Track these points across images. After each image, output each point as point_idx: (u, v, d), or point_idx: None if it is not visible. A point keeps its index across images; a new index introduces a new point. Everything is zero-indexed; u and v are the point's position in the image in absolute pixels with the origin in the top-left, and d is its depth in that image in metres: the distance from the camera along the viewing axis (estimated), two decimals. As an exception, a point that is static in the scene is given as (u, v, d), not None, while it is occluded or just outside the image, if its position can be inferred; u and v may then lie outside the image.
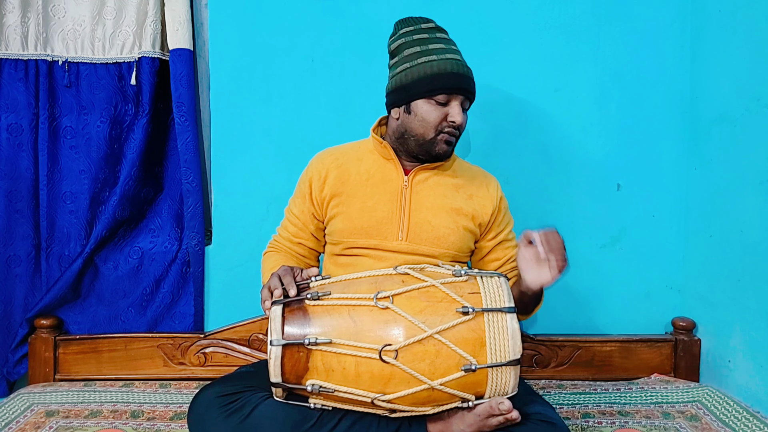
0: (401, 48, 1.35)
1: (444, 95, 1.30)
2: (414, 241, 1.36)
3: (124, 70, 1.75)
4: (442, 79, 1.29)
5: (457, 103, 1.32)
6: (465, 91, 1.32)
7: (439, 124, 1.32)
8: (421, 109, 1.32)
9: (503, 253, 1.46)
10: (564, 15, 1.78)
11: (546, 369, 1.75)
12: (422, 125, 1.32)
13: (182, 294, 1.83)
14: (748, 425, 1.40)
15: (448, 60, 1.30)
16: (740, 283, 1.58)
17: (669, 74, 1.79)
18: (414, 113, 1.33)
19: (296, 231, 1.48)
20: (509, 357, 1.10)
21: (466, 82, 1.31)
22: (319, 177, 1.43)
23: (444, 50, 1.32)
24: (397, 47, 1.36)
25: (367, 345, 1.09)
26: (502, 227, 1.46)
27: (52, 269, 1.77)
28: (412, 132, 1.34)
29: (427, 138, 1.33)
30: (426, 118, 1.32)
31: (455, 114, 1.31)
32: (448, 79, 1.29)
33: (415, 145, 1.35)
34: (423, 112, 1.32)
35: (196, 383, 1.69)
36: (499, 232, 1.45)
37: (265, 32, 1.78)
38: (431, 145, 1.34)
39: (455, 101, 1.32)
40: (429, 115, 1.31)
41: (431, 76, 1.29)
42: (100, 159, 1.75)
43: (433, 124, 1.32)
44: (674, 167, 1.81)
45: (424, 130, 1.33)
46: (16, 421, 1.47)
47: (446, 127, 1.32)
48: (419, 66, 1.31)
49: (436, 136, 1.33)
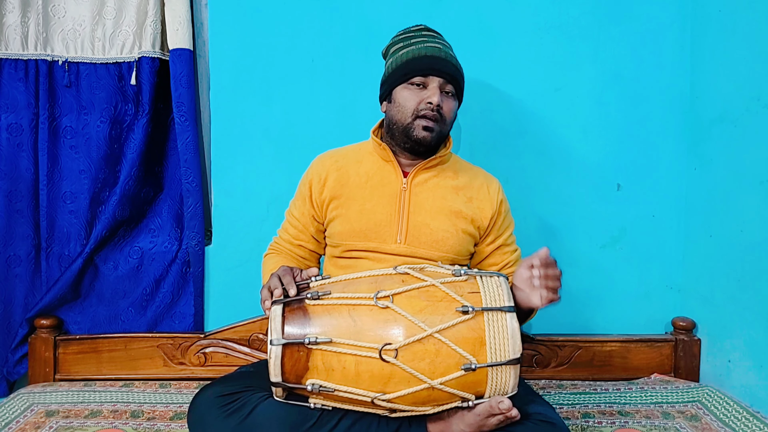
0: (389, 49, 1.41)
1: (419, 77, 1.32)
2: (412, 244, 1.36)
3: (124, 70, 1.75)
4: (416, 62, 1.32)
5: (435, 85, 1.32)
6: (442, 73, 1.32)
7: (416, 107, 1.32)
8: (400, 95, 1.34)
9: (501, 258, 1.45)
10: (564, 15, 1.78)
11: (546, 369, 1.75)
12: (401, 110, 1.34)
13: (182, 294, 1.83)
14: (748, 425, 1.40)
15: (426, 47, 1.33)
16: (740, 283, 1.58)
17: (669, 74, 1.79)
18: (395, 101, 1.36)
19: (296, 233, 1.48)
20: (509, 356, 1.10)
21: (441, 64, 1.32)
22: (319, 179, 1.43)
23: (425, 41, 1.35)
24: (386, 50, 1.43)
25: (367, 344, 1.09)
26: (501, 231, 1.45)
27: (52, 269, 1.77)
28: (394, 120, 1.36)
29: (405, 123, 1.34)
30: (404, 103, 1.33)
31: (431, 94, 1.31)
32: (422, 61, 1.32)
33: (398, 134, 1.36)
34: (401, 98, 1.34)
35: (196, 383, 1.69)
36: (498, 236, 1.44)
37: (265, 32, 1.78)
38: (410, 130, 1.33)
39: (432, 83, 1.32)
40: (407, 100, 1.33)
41: (407, 61, 1.33)
42: (100, 159, 1.75)
43: (411, 107, 1.33)
44: (674, 167, 1.81)
45: (403, 116, 1.34)
46: (16, 421, 1.47)
47: (423, 109, 1.32)
48: (398, 56, 1.35)
49: (414, 120, 1.33)
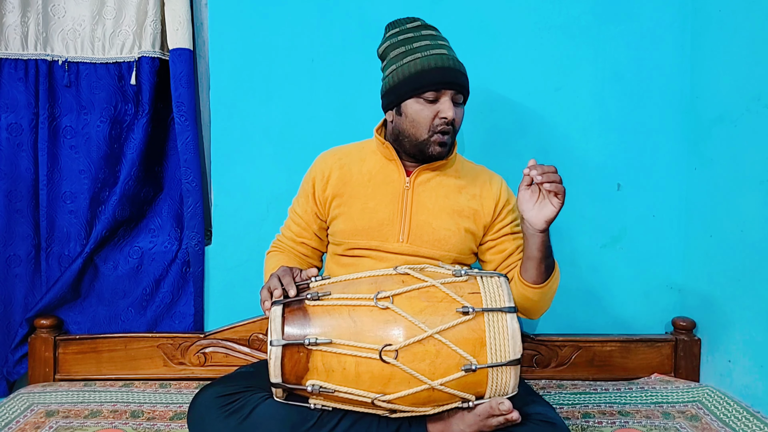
0: (387, 51, 1.35)
1: (432, 92, 1.28)
2: (415, 243, 1.36)
3: (124, 69, 1.75)
4: (427, 76, 1.27)
5: (447, 98, 1.28)
6: (454, 85, 1.28)
7: (431, 122, 1.29)
8: (411, 109, 1.30)
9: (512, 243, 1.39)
10: (564, 15, 1.78)
11: (546, 369, 1.75)
12: (414, 126, 1.31)
13: (182, 294, 1.83)
14: (748, 425, 1.40)
15: (433, 56, 1.28)
16: (740, 283, 1.58)
17: (669, 74, 1.79)
18: (405, 114, 1.31)
19: (299, 230, 1.47)
20: (509, 357, 1.10)
21: (453, 76, 1.28)
22: (322, 177, 1.42)
23: (429, 46, 1.30)
24: (384, 50, 1.37)
25: (368, 345, 1.09)
26: (508, 222, 1.41)
27: (52, 269, 1.77)
28: (406, 133, 1.33)
29: (420, 139, 1.31)
30: (416, 119, 1.30)
31: (446, 109, 1.28)
32: (433, 74, 1.26)
33: (410, 146, 1.34)
34: (413, 113, 1.30)
35: (196, 383, 1.69)
36: (504, 226, 1.40)
37: (265, 32, 1.78)
38: (425, 146, 1.31)
39: (445, 97, 1.29)
40: (419, 115, 1.29)
41: (416, 73, 1.27)
42: (100, 159, 1.75)
43: (425, 124, 1.29)
44: (674, 167, 1.80)
45: (417, 131, 1.31)
46: (16, 421, 1.47)
47: (439, 125, 1.29)
48: (404, 66, 1.29)
49: (430, 137, 1.30)
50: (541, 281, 1.29)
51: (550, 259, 1.30)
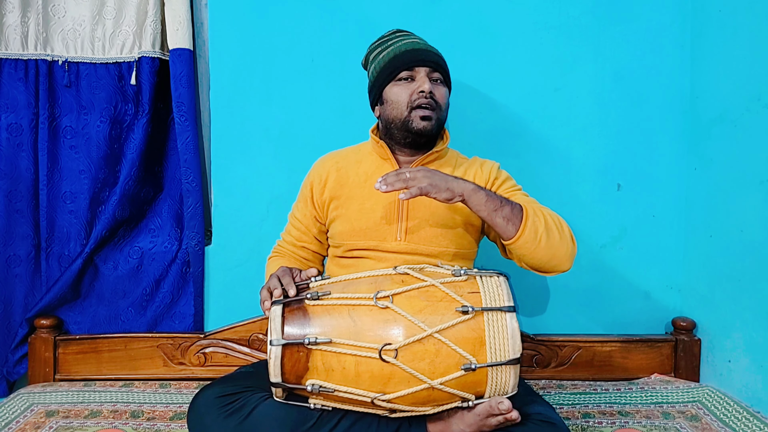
0: (368, 57, 1.44)
1: (405, 71, 1.33)
2: (413, 241, 1.36)
3: (124, 70, 1.75)
4: (399, 58, 1.34)
5: (422, 75, 1.33)
6: (427, 63, 1.34)
7: (409, 99, 1.33)
8: (391, 93, 1.36)
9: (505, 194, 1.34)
10: (564, 15, 1.78)
11: (546, 369, 1.75)
12: (395, 107, 1.35)
13: (182, 294, 1.83)
14: (748, 425, 1.40)
15: (405, 43, 1.37)
16: (740, 283, 1.58)
17: (669, 74, 1.79)
18: (387, 101, 1.37)
19: (299, 235, 1.49)
20: (509, 356, 1.10)
21: (424, 54, 1.34)
22: (319, 180, 1.44)
23: (402, 39, 1.38)
24: (366, 60, 1.46)
25: (367, 344, 1.09)
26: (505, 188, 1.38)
27: (52, 269, 1.77)
28: (390, 118, 1.37)
29: (402, 117, 1.34)
30: (396, 99, 1.35)
31: (421, 83, 1.32)
32: (405, 56, 1.34)
33: (397, 131, 1.37)
34: (393, 95, 1.35)
35: (196, 383, 1.69)
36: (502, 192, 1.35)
37: (265, 32, 1.78)
38: (408, 123, 1.34)
39: (419, 74, 1.33)
40: (398, 96, 1.34)
41: (390, 60, 1.35)
42: (100, 159, 1.75)
43: (404, 101, 1.34)
44: (674, 167, 1.80)
45: (398, 111, 1.35)
46: (16, 421, 1.47)
47: (416, 99, 1.32)
48: (381, 59, 1.38)
49: (410, 112, 1.33)
50: (513, 233, 1.21)
51: (502, 210, 1.20)
